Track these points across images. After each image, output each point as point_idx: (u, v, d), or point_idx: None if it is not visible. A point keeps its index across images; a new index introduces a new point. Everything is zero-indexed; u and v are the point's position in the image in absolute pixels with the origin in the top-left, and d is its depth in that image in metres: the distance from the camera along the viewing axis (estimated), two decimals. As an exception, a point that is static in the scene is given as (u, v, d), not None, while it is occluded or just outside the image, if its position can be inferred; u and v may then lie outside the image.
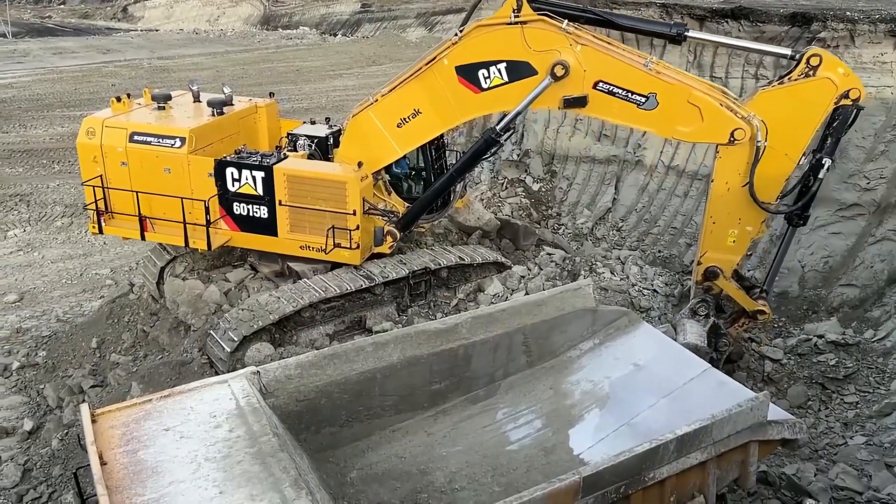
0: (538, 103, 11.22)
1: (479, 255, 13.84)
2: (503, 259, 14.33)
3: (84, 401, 11.83)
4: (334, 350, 8.53)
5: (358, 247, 12.26)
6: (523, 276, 13.59)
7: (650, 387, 9.07)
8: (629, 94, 10.59)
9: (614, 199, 18.62)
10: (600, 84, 10.67)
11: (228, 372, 9.24)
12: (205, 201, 12.21)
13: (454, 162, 13.93)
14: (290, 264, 13.08)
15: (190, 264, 14.03)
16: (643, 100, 10.54)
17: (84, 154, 12.79)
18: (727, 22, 17.17)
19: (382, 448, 8.66)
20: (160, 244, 14.30)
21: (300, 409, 8.07)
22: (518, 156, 20.45)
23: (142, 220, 12.72)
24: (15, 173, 24.83)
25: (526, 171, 20.09)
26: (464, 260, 13.53)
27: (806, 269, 15.09)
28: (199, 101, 13.87)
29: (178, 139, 12.41)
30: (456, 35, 11.29)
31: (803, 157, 10.35)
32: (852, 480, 9.34)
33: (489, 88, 11.23)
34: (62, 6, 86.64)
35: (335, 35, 60.33)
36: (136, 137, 12.52)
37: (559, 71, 10.68)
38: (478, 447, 8.83)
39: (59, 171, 25.16)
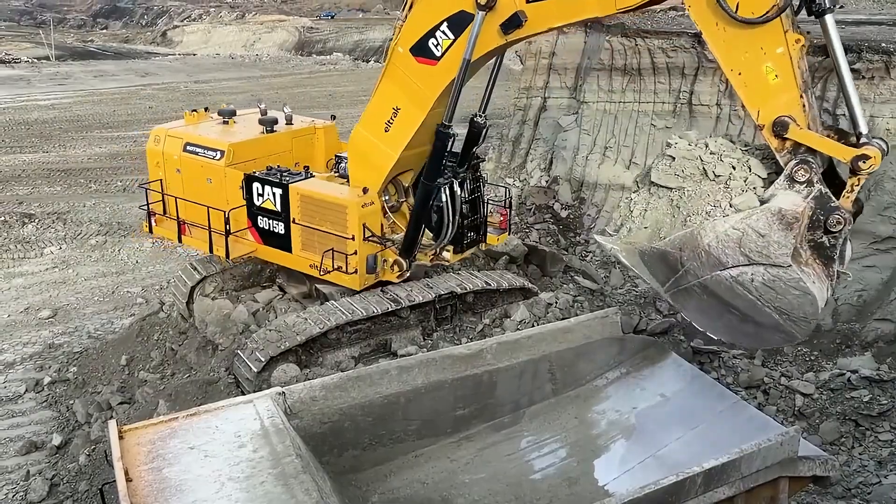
0: (482, 46, 10.65)
1: (505, 281, 13.80)
2: (530, 285, 14.28)
3: (112, 417, 11.94)
4: (359, 372, 8.54)
5: (356, 272, 12.28)
6: (550, 304, 13.52)
7: (678, 419, 8.94)
8: None
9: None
10: None
11: (254, 392, 9.29)
12: (225, 212, 12.63)
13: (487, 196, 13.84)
14: (318, 286, 13.17)
15: (219, 284, 14.21)
16: None
17: (151, 159, 14.05)
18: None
19: (405, 473, 8.61)
20: (191, 264, 14.69)
21: (324, 431, 8.08)
22: (546, 182, 20.46)
23: (180, 224, 13.50)
24: (53, 192, 25.42)
25: (554, 197, 20.07)
26: (490, 285, 13.51)
27: (839, 302, 14.81)
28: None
29: (218, 152, 13.11)
30: (399, 21, 11.31)
31: None
32: (887, 521, 9.08)
33: (443, 54, 11.00)
34: (104, 30, 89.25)
35: (368, 61, 61.20)
36: (188, 147, 13.45)
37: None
38: (501, 475, 8.74)
39: (95, 191, 25.70)
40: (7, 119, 36.05)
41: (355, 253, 12.17)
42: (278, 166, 13.19)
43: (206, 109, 14.78)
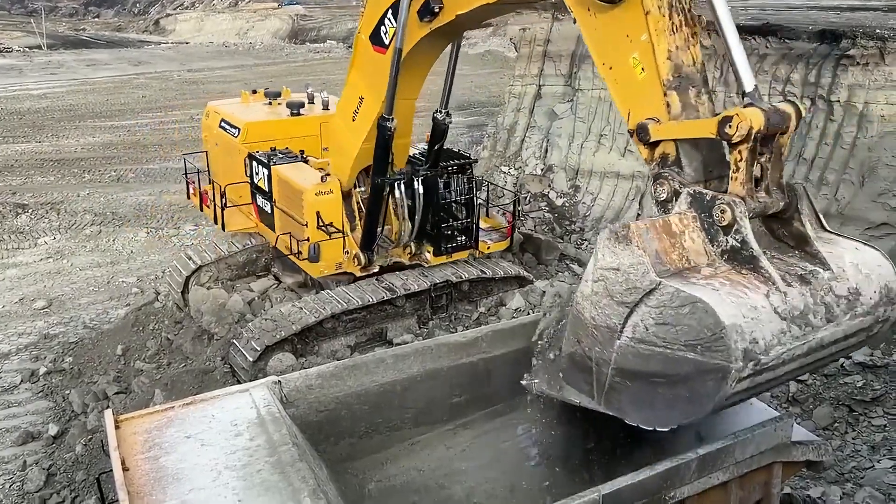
0: (409, 36, 10.24)
1: (501, 269, 13.82)
2: (525, 273, 14.31)
3: (108, 407, 11.96)
4: (355, 361, 8.55)
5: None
6: (545, 292, 13.55)
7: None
8: None
9: (638, 214, 18.54)
10: None
11: (250, 381, 9.31)
12: (221, 186, 13.15)
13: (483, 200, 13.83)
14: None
15: (214, 274, 14.22)
16: None
17: (203, 132, 15.56)
18: (755, 38, 17.09)
19: (401, 461, 8.64)
20: (186, 254, 14.75)
21: (320, 420, 8.10)
22: (542, 170, 20.45)
23: (201, 194, 14.73)
24: (47, 182, 25.31)
25: (549, 185, 20.07)
26: (486, 273, 13.53)
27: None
28: (312, 103, 14.86)
29: (237, 129, 13.76)
30: (361, 8, 11.39)
31: None
32: (879, 505, 9.16)
33: (391, 42, 10.69)
34: (96, 19, 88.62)
35: (362, 49, 60.85)
36: (222, 124, 14.30)
37: None
38: (497, 462, 8.78)
39: (89, 181, 25.59)
40: (-1, 109, 35.85)
41: (307, 240, 12.18)
42: (286, 149, 13.35)
43: (265, 90, 15.44)
